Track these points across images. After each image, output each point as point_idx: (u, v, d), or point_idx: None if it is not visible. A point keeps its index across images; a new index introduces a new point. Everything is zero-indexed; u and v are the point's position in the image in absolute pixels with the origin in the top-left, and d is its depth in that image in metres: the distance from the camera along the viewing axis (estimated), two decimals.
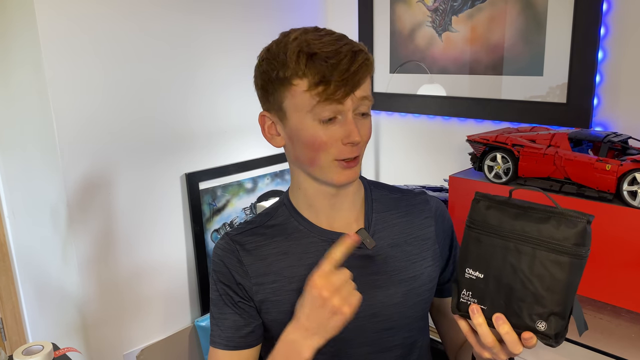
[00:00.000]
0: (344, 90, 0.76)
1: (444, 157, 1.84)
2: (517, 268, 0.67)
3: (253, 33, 1.88)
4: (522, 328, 0.67)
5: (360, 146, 0.82)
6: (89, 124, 1.52)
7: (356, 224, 0.89)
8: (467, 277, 0.70)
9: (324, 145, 0.79)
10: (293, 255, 0.86)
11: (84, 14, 1.47)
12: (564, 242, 0.65)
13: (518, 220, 0.67)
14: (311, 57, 0.76)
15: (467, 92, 1.73)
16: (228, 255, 0.87)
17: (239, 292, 0.86)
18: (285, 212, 0.90)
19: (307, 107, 0.78)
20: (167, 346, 1.79)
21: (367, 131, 0.82)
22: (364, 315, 0.84)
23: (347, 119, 0.78)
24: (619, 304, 1.19)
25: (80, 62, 1.48)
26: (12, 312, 1.89)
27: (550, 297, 0.65)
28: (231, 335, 0.86)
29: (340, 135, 0.79)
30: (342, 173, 0.82)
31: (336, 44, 0.76)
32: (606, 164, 1.15)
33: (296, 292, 0.84)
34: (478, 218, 0.70)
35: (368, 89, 0.80)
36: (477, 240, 0.69)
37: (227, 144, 1.86)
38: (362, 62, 0.77)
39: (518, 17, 1.56)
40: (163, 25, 1.64)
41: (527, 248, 0.66)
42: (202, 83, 1.77)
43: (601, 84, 1.44)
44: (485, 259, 0.69)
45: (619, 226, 1.14)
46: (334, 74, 0.75)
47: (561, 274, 0.65)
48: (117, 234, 1.63)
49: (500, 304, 0.68)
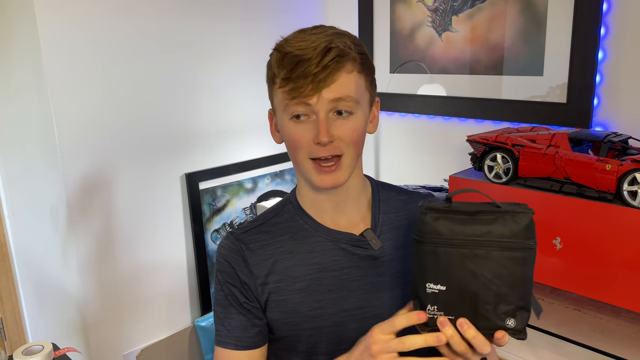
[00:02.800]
0: (309, 87, 0.74)
1: (444, 157, 1.84)
2: (477, 273, 0.68)
3: (253, 33, 1.88)
4: (493, 329, 0.68)
5: (339, 146, 0.78)
6: (89, 124, 1.52)
7: (362, 225, 0.88)
8: (430, 292, 0.69)
9: (297, 143, 0.79)
10: (298, 254, 0.86)
11: (84, 15, 1.47)
12: (514, 239, 0.67)
13: (468, 226, 0.68)
14: (284, 55, 0.76)
15: (467, 92, 1.73)
16: (233, 255, 0.86)
17: (245, 292, 0.86)
18: (291, 210, 0.90)
19: (282, 105, 0.79)
20: (167, 346, 1.79)
21: (348, 132, 0.78)
22: (368, 315, 0.84)
23: (318, 118, 0.77)
24: (619, 304, 1.19)
25: (80, 63, 1.48)
26: (12, 312, 1.89)
27: (513, 294, 0.67)
28: (239, 335, 0.85)
29: (311, 134, 0.77)
30: (319, 177, 0.80)
31: (310, 42, 0.75)
32: (606, 164, 1.15)
33: (300, 292, 0.84)
34: (428, 231, 0.69)
35: (345, 89, 0.76)
36: (432, 253, 0.69)
37: (227, 144, 1.86)
38: (332, 59, 0.74)
39: (518, 17, 1.56)
40: (163, 26, 1.64)
41: (482, 251, 0.67)
42: (203, 83, 1.77)
43: (601, 84, 1.43)
44: (444, 271, 0.69)
45: (619, 226, 1.14)
46: (298, 72, 0.74)
47: (519, 269, 0.67)
48: (117, 234, 1.63)
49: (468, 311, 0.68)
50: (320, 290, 0.84)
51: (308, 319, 0.84)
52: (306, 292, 0.84)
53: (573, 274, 1.24)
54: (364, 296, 0.85)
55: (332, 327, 0.84)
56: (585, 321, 1.20)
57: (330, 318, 0.84)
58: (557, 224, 1.25)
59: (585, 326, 1.18)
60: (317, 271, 0.85)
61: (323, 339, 0.85)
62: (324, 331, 0.84)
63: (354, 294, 0.85)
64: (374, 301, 0.85)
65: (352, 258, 0.85)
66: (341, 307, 0.84)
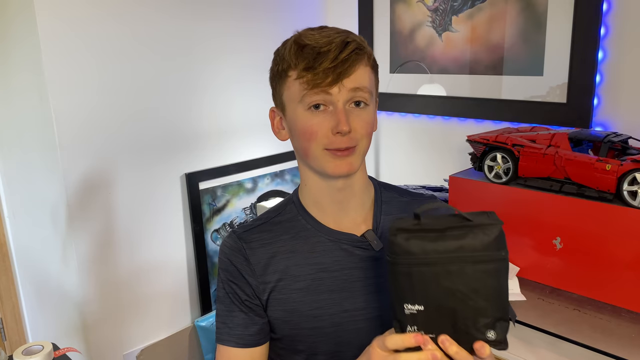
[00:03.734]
0: (331, 77, 0.76)
1: (444, 157, 1.84)
2: (453, 289, 0.67)
3: (253, 33, 1.88)
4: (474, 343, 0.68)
5: (355, 137, 0.80)
6: (89, 124, 1.52)
7: (364, 225, 0.89)
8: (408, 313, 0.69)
9: (314, 134, 0.79)
10: (299, 254, 0.86)
11: (84, 15, 1.47)
12: (486, 251, 0.67)
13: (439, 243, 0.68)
14: (302, 47, 0.78)
15: (467, 92, 1.73)
16: (235, 253, 0.87)
17: (247, 290, 0.86)
18: (293, 210, 0.90)
19: (298, 96, 0.79)
20: (167, 346, 1.79)
21: (363, 123, 0.80)
22: (369, 317, 0.84)
23: (337, 108, 0.78)
24: (619, 304, 1.19)
25: (80, 63, 1.48)
26: (12, 312, 1.89)
27: (491, 306, 0.67)
28: (241, 333, 0.86)
29: (330, 124, 0.78)
30: (334, 162, 0.80)
31: (330, 36, 0.78)
32: (606, 164, 1.15)
33: (301, 292, 0.84)
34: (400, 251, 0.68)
35: (363, 80, 0.79)
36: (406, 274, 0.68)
37: (227, 144, 1.86)
38: (352, 51, 0.77)
39: (518, 17, 1.56)
40: (163, 27, 1.64)
41: (455, 267, 0.67)
42: (203, 83, 1.77)
43: (601, 84, 1.43)
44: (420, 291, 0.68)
45: (619, 226, 1.14)
46: (320, 62, 0.76)
47: (493, 281, 0.67)
48: (117, 234, 1.63)
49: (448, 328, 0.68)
50: (321, 290, 0.84)
51: (308, 319, 0.84)
52: (307, 291, 0.84)
53: (573, 274, 1.24)
54: (365, 297, 0.85)
55: (332, 328, 0.84)
56: (585, 321, 1.20)
57: (331, 318, 0.84)
58: (557, 224, 1.25)
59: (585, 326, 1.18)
60: (318, 271, 0.85)
61: (323, 339, 0.85)
62: (324, 331, 0.84)
63: (354, 295, 0.85)
64: (374, 302, 0.85)
65: (353, 259, 0.86)
66: (342, 307, 0.84)
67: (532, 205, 1.29)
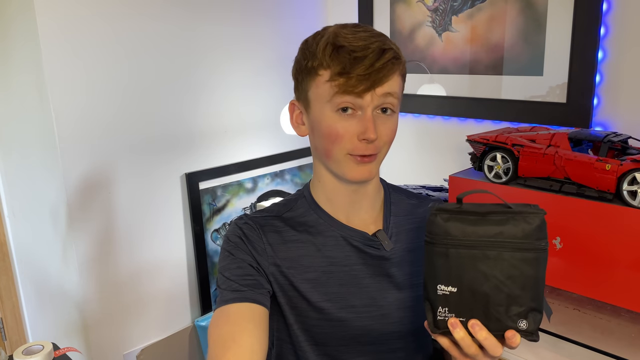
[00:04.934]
0: (365, 84, 0.75)
1: (444, 157, 1.84)
2: (488, 274, 0.67)
3: (252, 33, 1.88)
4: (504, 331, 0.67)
5: (378, 145, 0.80)
6: (89, 123, 1.52)
7: (374, 226, 0.89)
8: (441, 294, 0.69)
9: (339, 137, 0.79)
10: (312, 245, 0.86)
11: (84, 15, 1.47)
12: (526, 240, 0.66)
13: (479, 227, 0.67)
14: (338, 49, 0.76)
15: (467, 92, 1.73)
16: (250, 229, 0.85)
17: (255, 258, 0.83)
18: (304, 204, 0.90)
19: (327, 97, 0.78)
20: (167, 346, 1.79)
21: (388, 130, 0.81)
22: (374, 314, 0.85)
23: (365, 114, 0.77)
24: (619, 304, 1.19)
25: (80, 63, 1.48)
26: (12, 312, 1.89)
27: (525, 295, 0.67)
28: (237, 285, 0.79)
29: (357, 130, 0.78)
30: (355, 168, 0.81)
31: (367, 40, 0.76)
32: (606, 163, 1.15)
33: (310, 282, 0.84)
34: (439, 232, 0.69)
35: (394, 87, 0.78)
36: (443, 254, 0.68)
37: (227, 144, 1.86)
38: (389, 60, 0.76)
39: (518, 17, 1.56)
40: (163, 26, 1.64)
41: (493, 252, 0.67)
42: (203, 83, 1.77)
43: (601, 84, 1.43)
44: (455, 272, 0.68)
45: (619, 226, 1.14)
46: (356, 67, 0.75)
47: (531, 270, 0.67)
48: (117, 234, 1.63)
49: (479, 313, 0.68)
50: (330, 283, 0.85)
51: (315, 310, 0.84)
52: (316, 283, 0.85)
53: (573, 274, 1.24)
54: (372, 295, 0.85)
55: (337, 322, 0.85)
56: (585, 321, 1.20)
57: (337, 312, 0.84)
58: (557, 224, 1.25)
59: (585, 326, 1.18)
60: (329, 264, 0.85)
61: (328, 331, 0.85)
62: (330, 324, 0.85)
63: (362, 292, 0.85)
64: (380, 301, 0.85)
65: (363, 256, 0.86)
66: (348, 302, 0.85)
67: None
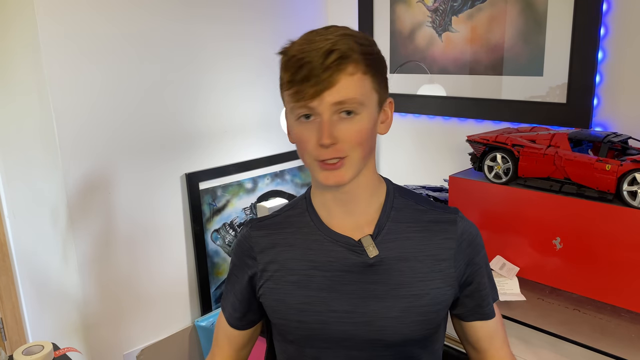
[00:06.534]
0: (311, 91, 0.74)
1: (444, 157, 1.84)
2: None
3: (252, 34, 1.88)
4: None
5: (342, 149, 0.77)
6: (89, 124, 1.52)
7: (367, 229, 0.87)
8: None
9: (303, 144, 0.80)
10: (298, 249, 0.88)
11: (84, 15, 1.47)
12: None
13: None
14: (289, 58, 0.77)
15: (467, 92, 1.73)
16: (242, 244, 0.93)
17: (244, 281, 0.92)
18: (303, 205, 0.92)
19: (289, 107, 0.80)
20: (167, 346, 1.79)
21: (352, 132, 0.77)
22: (356, 321, 0.84)
23: (322, 120, 0.76)
24: (618, 304, 1.19)
25: (80, 62, 1.48)
26: (12, 312, 1.89)
27: None
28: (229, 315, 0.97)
29: (315, 136, 0.77)
30: (323, 174, 0.80)
31: (315, 44, 0.75)
32: (606, 164, 1.15)
33: (292, 285, 0.86)
34: None
35: (347, 91, 0.75)
36: None
37: (227, 144, 1.86)
38: (333, 62, 0.73)
39: (518, 17, 1.56)
40: (164, 27, 1.64)
41: None
42: (203, 83, 1.77)
43: (601, 84, 1.44)
44: None
45: (619, 226, 1.14)
46: (299, 75, 0.74)
47: None
48: (117, 234, 1.63)
49: None
50: (311, 287, 0.85)
51: (295, 312, 0.86)
52: (297, 285, 0.86)
53: (573, 274, 1.24)
54: (354, 301, 0.84)
55: (318, 325, 0.85)
56: (585, 321, 1.20)
57: (317, 315, 0.85)
58: (557, 224, 1.25)
59: (585, 326, 1.18)
60: (311, 268, 0.86)
61: (309, 334, 0.86)
62: (311, 327, 0.85)
63: (343, 297, 0.84)
64: (362, 308, 0.84)
65: (345, 262, 0.85)
66: (329, 307, 0.84)
67: (532, 206, 1.29)
